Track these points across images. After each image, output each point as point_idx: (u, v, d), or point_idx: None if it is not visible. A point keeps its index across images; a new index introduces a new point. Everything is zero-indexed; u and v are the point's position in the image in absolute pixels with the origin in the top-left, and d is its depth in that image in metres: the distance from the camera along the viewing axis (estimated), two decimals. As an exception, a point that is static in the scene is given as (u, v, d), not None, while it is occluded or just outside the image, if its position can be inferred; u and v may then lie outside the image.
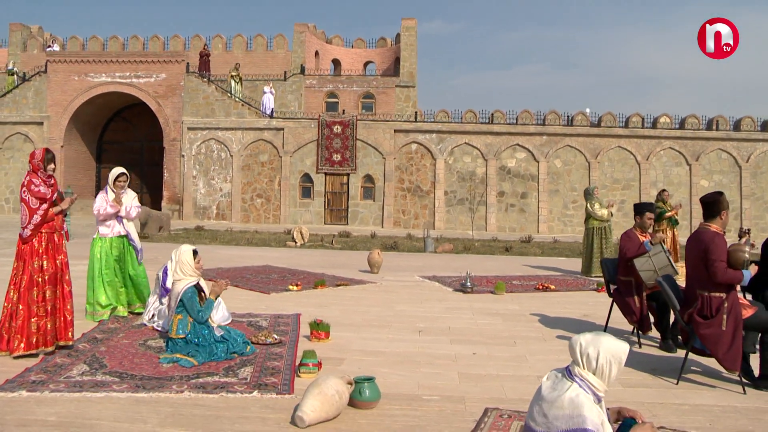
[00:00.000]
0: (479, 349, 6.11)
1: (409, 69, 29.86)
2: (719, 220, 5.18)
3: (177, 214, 26.58)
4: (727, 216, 5.21)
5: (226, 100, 26.72)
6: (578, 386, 2.99)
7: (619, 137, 25.11)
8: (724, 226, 5.25)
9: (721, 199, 5.19)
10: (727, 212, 5.22)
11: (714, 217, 5.18)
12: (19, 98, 26.67)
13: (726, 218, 5.21)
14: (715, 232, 5.12)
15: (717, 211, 5.17)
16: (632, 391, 4.90)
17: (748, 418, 4.36)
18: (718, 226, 5.18)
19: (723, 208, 5.17)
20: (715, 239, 5.06)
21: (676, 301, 5.28)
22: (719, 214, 5.17)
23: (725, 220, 5.22)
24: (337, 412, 4.12)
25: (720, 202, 5.17)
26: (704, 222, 5.26)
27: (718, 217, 5.17)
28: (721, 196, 5.23)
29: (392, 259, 14.34)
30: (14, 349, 5.32)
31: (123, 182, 7.28)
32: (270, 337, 6.11)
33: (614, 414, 3.29)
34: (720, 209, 5.17)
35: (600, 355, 2.99)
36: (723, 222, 5.20)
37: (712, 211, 5.20)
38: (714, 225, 5.18)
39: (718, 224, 5.19)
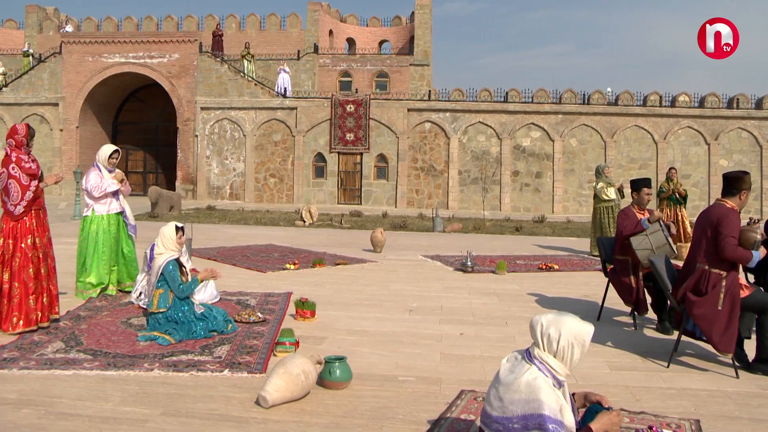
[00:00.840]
0: (468, 330, 5.95)
1: (423, 48, 29.41)
2: (738, 200, 4.89)
3: (191, 194, 26.66)
4: (746, 197, 4.91)
5: (239, 80, 26.60)
6: (537, 369, 2.82)
7: (636, 116, 24.50)
8: (742, 206, 4.95)
9: (746, 178, 4.90)
10: (748, 193, 4.92)
11: (733, 194, 4.89)
12: (35, 79, 26.82)
13: (745, 199, 4.91)
14: (730, 207, 4.86)
15: (738, 188, 4.87)
16: (619, 374, 4.71)
17: (736, 403, 4.15)
18: (734, 204, 4.90)
19: (745, 187, 4.88)
20: (730, 215, 4.80)
21: (668, 281, 5.05)
22: (740, 193, 4.88)
23: (744, 201, 4.92)
24: (303, 392, 4.00)
25: (743, 180, 4.88)
26: (721, 197, 4.99)
27: (738, 196, 4.88)
28: (746, 175, 4.93)
29: (398, 238, 14.19)
30: (14, 327, 5.30)
31: (116, 159, 7.20)
32: (254, 316, 6.02)
33: (580, 399, 3.12)
34: (741, 187, 4.87)
35: (561, 336, 2.81)
36: (741, 202, 4.91)
37: (732, 188, 4.90)
38: (730, 202, 4.90)
39: (735, 203, 4.90)
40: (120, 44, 26.22)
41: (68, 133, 26.54)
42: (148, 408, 3.82)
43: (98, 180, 7.03)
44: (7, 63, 28.82)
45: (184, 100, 26.54)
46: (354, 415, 3.80)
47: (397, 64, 29.59)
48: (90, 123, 27.47)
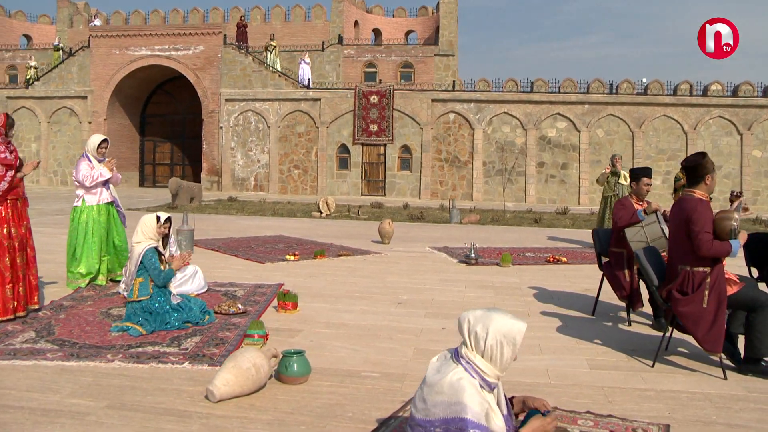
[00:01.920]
0: (452, 324, 5.74)
1: (448, 38, 29.01)
2: (704, 186, 4.62)
3: (216, 185, 26.88)
4: (712, 180, 4.63)
5: (263, 72, 26.65)
6: (463, 369, 2.62)
7: (665, 105, 23.71)
8: (710, 191, 4.68)
9: (704, 162, 4.61)
10: (713, 176, 4.64)
11: (698, 182, 4.63)
12: (65, 73, 27.32)
13: (712, 183, 4.64)
14: (698, 199, 4.57)
15: (701, 175, 4.60)
16: (598, 374, 4.46)
17: (716, 407, 3.87)
18: (703, 192, 4.63)
19: (707, 171, 4.60)
20: (698, 207, 4.51)
21: (654, 275, 4.76)
22: (704, 179, 4.61)
23: (711, 185, 4.65)
24: (254, 387, 3.87)
25: (703, 165, 4.60)
26: (688, 188, 4.71)
27: (703, 183, 4.61)
28: (704, 158, 4.65)
29: (412, 229, 14.01)
30: None
31: (105, 149, 7.18)
32: (234, 307, 5.92)
33: (519, 404, 2.91)
34: (704, 173, 4.60)
35: (489, 334, 2.60)
36: (708, 187, 4.64)
37: (695, 176, 4.64)
38: (698, 191, 4.63)
39: (703, 190, 4.63)
40: (146, 37, 26.51)
41: (96, 126, 26.98)
42: (94, 401, 3.74)
43: (89, 170, 7.01)
44: (39, 57, 29.46)
45: (208, 92, 26.72)
46: (302, 412, 3.66)
47: (422, 55, 29.27)
48: (118, 115, 27.89)
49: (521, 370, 4.46)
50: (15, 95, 27.54)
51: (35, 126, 27.59)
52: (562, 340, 5.29)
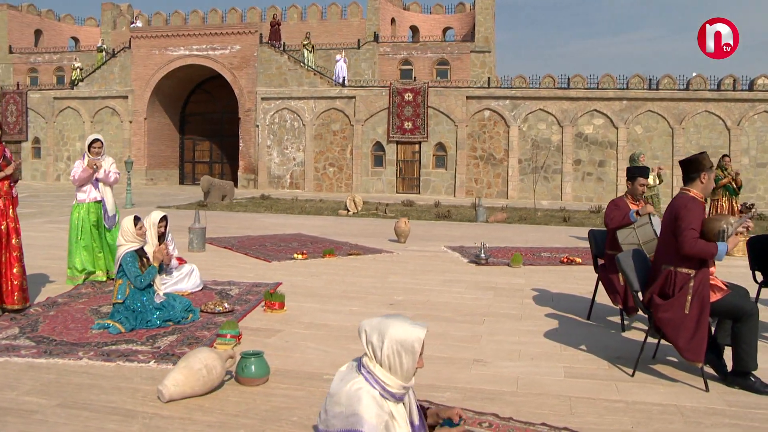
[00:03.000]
0: (439, 326, 5.60)
1: (484, 34, 28.60)
2: (699, 184, 4.37)
3: (252, 183, 27.22)
4: (709, 179, 4.38)
5: (299, 70, 26.83)
6: (363, 380, 2.51)
7: (707, 101, 22.77)
8: (707, 190, 4.43)
9: (701, 159, 4.37)
10: (710, 174, 4.38)
11: (694, 180, 4.38)
12: (107, 74, 28.13)
13: (708, 182, 4.38)
14: (691, 197, 4.33)
15: (697, 172, 4.36)
16: (571, 382, 4.26)
17: (686, 422, 3.64)
18: (697, 191, 4.38)
19: (703, 169, 4.35)
20: (689, 204, 4.27)
21: (635, 279, 4.52)
22: (699, 177, 4.36)
23: (707, 184, 4.40)
24: (206, 388, 3.84)
25: (699, 162, 4.36)
26: (683, 186, 4.47)
27: (698, 180, 4.37)
28: (702, 156, 4.40)
29: (434, 228, 13.86)
30: None
31: (98, 148, 7.28)
32: (220, 306, 5.92)
33: (433, 416, 2.78)
34: (700, 170, 4.35)
35: (385, 344, 2.49)
36: (704, 186, 4.39)
37: (690, 173, 4.40)
38: (693, 190, 4.38)
39: (698, 189, 4.38)
40: (184, 37, 27.03)
41: (137, 125, 27.70)
42: (48, 399, 3.77)
43: (78, 168, 7.15)
44: (84, 59, 30.41)
45: (245, 91, 27.07)
46: (247, 415, 3.60)
47: (458, 51, 28.97)
48: (158, 114, 28.54)
49: (490, 377, 4.31)
50: (61, 96, 28.52)
51: (79, 125, 28.50)
52: (546, 346, 5.09)
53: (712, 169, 4.42)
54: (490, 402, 3.86)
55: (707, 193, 4.49)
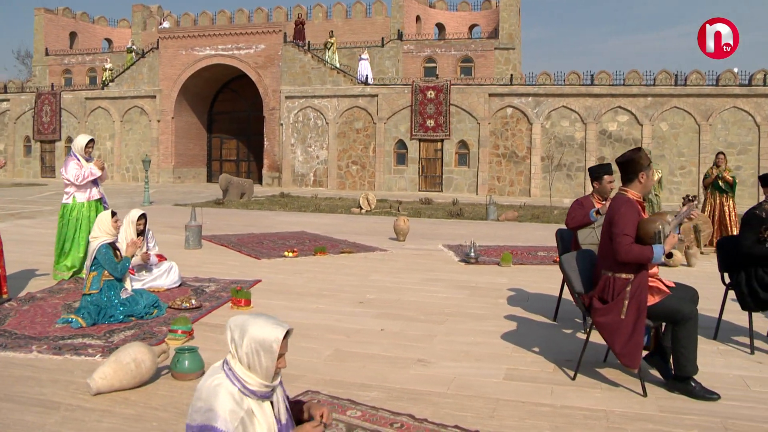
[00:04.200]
0: (397, 325, 5.60)
1: (508, 30, 28.27)
2: (638, 184, 4.25)
3: (276, 181, 27.51)
4: (647, 178, 4.25)
5: (322, 68, 26.98)
6: (224, 376, 2.52)
7: (735, 96, 22.02)
8: (646, 189, 4.30)
9: (638, 158, 4.24)
10: (648, 172, 4.25)
11: (631, 180, 4.27)
12: (136, 74, 28.78)
13: (647, 181, 4.26)
14: (626, 199, 4.22)
15: (634, 172, 4.24)
16: (507, 385, 4.20)
17: (609, 428, 3.55)
18: (636, 192, 4.26)
19: (641, 168, 4.23)
20: (622, 208, 4.15)
21: (576, 280, 4.43)
22: (637, 177, 4.24)
23: (646, 183, 4.27)
24: (134, 381, 3.92)
25: (637, 162, 4.23)
26: (621, 186, 4.36)
27: (636, 181, 4.24)
28: (639, 154, 4.26)
29: (441, 226, 13.78)
30: None
31: (92, 148, 7.48)
32: (187, 302, 6.03)
33: (306, 412, 2.78)
34: (638, 170, 4.23)
35: (244, 342, 2.49)
36: (643, 186, 4.26)
37: (628, 173, 4.28)
38: (631, 190, 4.27)
39: (637, 189, 4.26)
40: (210, 37, 27.47)
41: (164, 124, 28.27)
42: (-16, 390, 3.91)
43: (78, 169, 7.34)
44: (115, 60, 31.18)
45: (269, 90, 27.36)
46: (167, 409, 3.67)
47: (481, 49, 28.71)
48: (185, 113, 29.08)
49: (426, 377, 4.29)
50: (92, 96, 29.31)
51: (110, 125, 29.24)
52: (499, 347, 5.03)
53: (651, 167, 4.28)
54: (414, 403, 3.84)
55: (647, 192, 4.35)
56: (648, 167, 4.21)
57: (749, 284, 5.09)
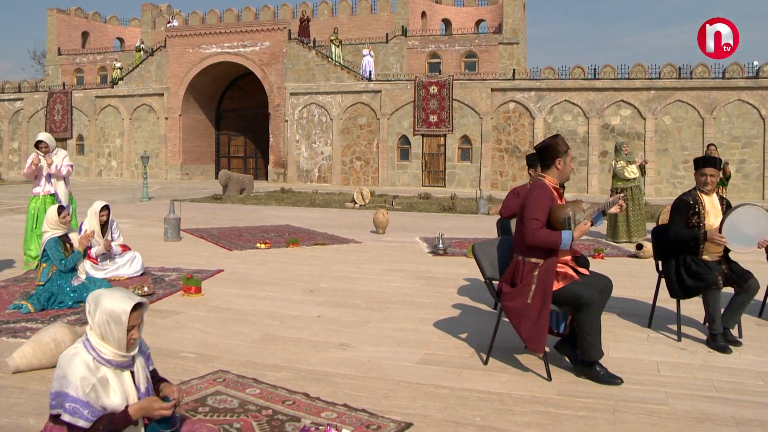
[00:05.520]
0: (335, 312, 5.73)
1: (512, 26, 28.17)
2: (555, 171, 4.30)
3: (282, 177, 27.76)
4: (565, 165, 4.29)
5: (326, 65, 27.15)
6: (82, 345, 2.69)
7: (740, 89, 21.73)
8: (564, 175, 4.34)
9: (555, 145, 4.28)
10: (565, 158, 4.28)
11: (549, 167, 4.32)
12: (144, 72, 29.23)
13: (564, 167, 4.29)
14: (540, 184, 4.28)
15: (551, 158, 4.29)
16: (415, 369, 4.29)
17: (497, 409, 3.62)
18: (553, 178, 4.32)
19: (558, 155, 4.27)
20: (534, 192, 4.23)
21: (487, 267, 4.51)
22: (554, 163, 4.29)
23: (564, 169, 4.30)
24: (54, 360, 4.06)
25: (554, 148, 4.28)
26: (539, 173, 4.43)
27: (554, 167, 4.30)
28: (556, 140, 4.32)
29: (427, 220, 13.87)
30: None
31: (44, 148, 7.69)
32: (139, 290, 6.22)
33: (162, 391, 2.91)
34: (554, 156, 4.28)
35: (97, 313, 2.65)
36: (561, 172, 4.31)
37: (545, 160, 4.33)
38: (549, 176, 4.33)
39: (554, 176, 4.31)
40: (216, 35, 27.80)
41: (172, 121, 28.67)
42: None
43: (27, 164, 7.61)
44: (126, 59, 31.69)
45: (274, 87, 27.61)
46: (76, 388, 3.84)
47: (485, 44, 28.65)
48: (192, 111, 29.45)
49: (339, 360, 4.41)
50: (102, 95, 29.84)
51: (119, 123, 29.74)
52: (427, 333, 5.13)
53: (568, 153, 4.33)
54: (316, 383, 3.97)
55: (564, 178, 4.40)
56: (565, 153, 4.26)
57: (677, 272, 5.13)
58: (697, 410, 3.68)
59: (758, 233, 5.03)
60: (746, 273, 5.07)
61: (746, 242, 5.05)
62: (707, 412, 3.66)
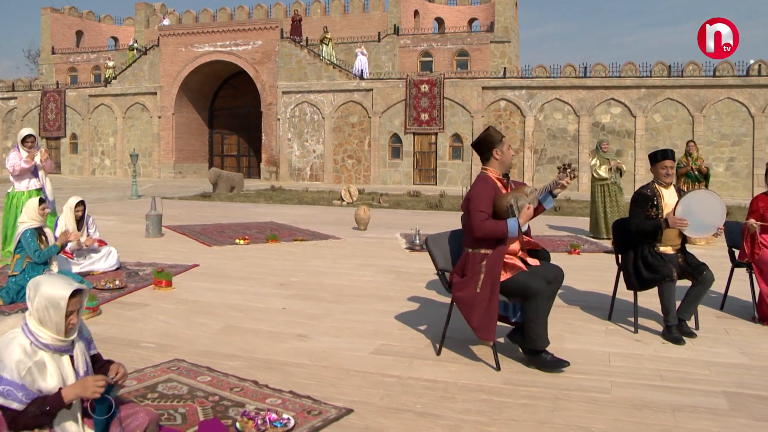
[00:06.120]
0: (305, 305, 5.82)
1: (503, 24, 28.27)
2: (494, 161, 4.38)
3: (274, 175, 27.85)
4: (502, 154, 4.36)
5: (318, 64, 27.24)
6: (21, 330, 2.77)
7: (729, 87, 21.84)
8: (505, 164, 4.41)
9: (488, 136, 4.36)
10: (501, 149, 4.35)
11: (488, 159, 4.41)
12: (137, 71, 29.31)
13: (503, 156, 4.36)
14: (482, 177, 4.37)
15: (488, 150, 4.38)
16: (368, 359, 4.37)
17: (438, 397, 3.69)
18: (495, 169, 4.40)
19: (494, 145, 4.34)
20: (476, 185, 4.32)
21: (439, 259, 4.61)
22: (492, 154, 4.37)
23: (503, 159, 4.38)
24: (11, 352, 4.18)
25: (487, 140, 4.36)
26: (483, 166, 4.52)
27: (492, 158, 4.38)
28: (488, 132, 4.39)
29: (412, 217, 13.95)
30: None
31: (30, 143, 7.77)
32: (110, 283, 6.31)
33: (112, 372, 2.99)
34: (491, 147, 4.36)
35: (36, 298, 2.74)
36: (501, 162, 4.38)
37: (484, 153, 4.42)
38: (490, 168, 4.42)
39: (495, 167, 4.40)
40: (208, 34, 27.87)
41: (165, 120, 28.74)
42: None
43: (16, 159, 7.67)
44: (119, 58, 31.78)
45: (267, 85, 27.69)
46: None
47: (477, 42, 28.75)
48: (186, 109, 29.53)
49: (295, 351, 4.49)
50: (95, 93, 29.91)
51: (112, 121, 29.82)
52: (387, 326, 5.21)
53: (504, 141, 4.40)
54: (268, 371, 4.05)
55: (506, 167, 4.44)
56: (500, 142, 4.34)
57: (635, 264, 5.21)
58: (638, 398, 3.76)
59: (713, 221, 5.12)
60: (702, 265, 5.15)
61: (702, 229, 5.15)
62: (647, 399, 3.74)
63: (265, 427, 3.14)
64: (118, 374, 2.90)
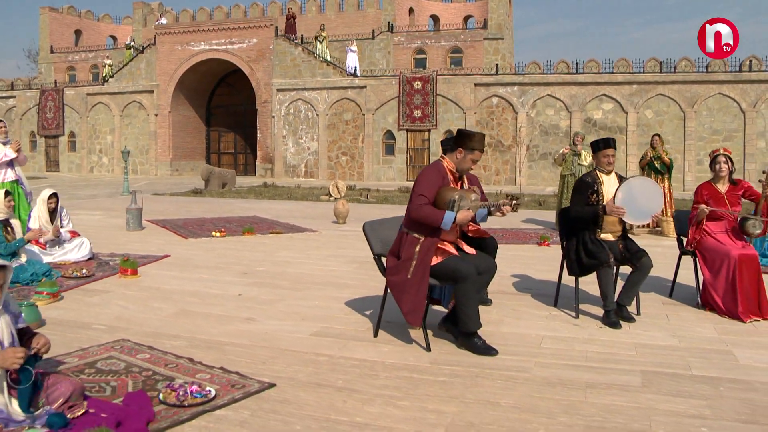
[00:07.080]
0: (262, 292, 6.01)
1: (497, 21, 28.40)
2: (454, 157, 4.53)
3: (269, 172, 28.07)
4: (463, 158, 4.48)
5: (312, 61, 27.44)
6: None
7: (720, 83, 21.92)
8: (461, 166, 4.53)
9: (468, 136, 4.41)
10: (466, 155, 4.47)
11: (452, 150, 4.57)
12: (134, 70, 29.59)
13: (462, 160, 4.48)
14: (436, 165, 4.53)
15: (458, 144, 4.52)
16: (306, 340, 4.54)
17: (359, 374, 3.85)
18: (450, 162, 4.56)
19: (465, 147, 4.47)
20: (426, 171, 4.49)
21: (375, 244, 4.79)
22: (456, 150, 4.53)
23: (460, 161, 4.50)
24: (-36, 333, 4.39)
25: (465, 138, 4.43)
26: (442, 154, 4.73)
27: (455, 153, 4.53)
28: (474, 135, 4.48)
29: (391, 212, 14.09)
30: None
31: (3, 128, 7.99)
32: (78, 272, 6.52)
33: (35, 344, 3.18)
34: (460, 145, 4.49)
35: None
36: (458, 161, 4.51)
37: (456, 143, 4.55)
38: (447, 159, 4.58)
39: (452, 160, 4.55)
40: (204, 33, 28.11)
41: (162, 118, 29.01)
42: None
43: None
44: (117, 56, 32.06)
45: (262, 83, 27.91)
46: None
47: (471, 39, 28.89)
48: (182, 108, 29.79)
49: (238, 332, 4.69)
50: (93, 92, 30.21)
51: (110, 119, 30.11)
52: (335, 311, 5.39)
53: (474, 153, 4.50)
54: (206, 351, 4.24)
55: (461, 168, 4.54)
56: (470, 151, 4.42)
57: (576, 250, 5.38)
58: (555, 376, 3.92)
59: (651, 208, 5.29)
60: (640, 251, 5.32)
61: (640, 216, 5.32)
62: (564, 378, 3.90)
63: (185, 398, 3.33)
64: (39, 344, 3.11)
